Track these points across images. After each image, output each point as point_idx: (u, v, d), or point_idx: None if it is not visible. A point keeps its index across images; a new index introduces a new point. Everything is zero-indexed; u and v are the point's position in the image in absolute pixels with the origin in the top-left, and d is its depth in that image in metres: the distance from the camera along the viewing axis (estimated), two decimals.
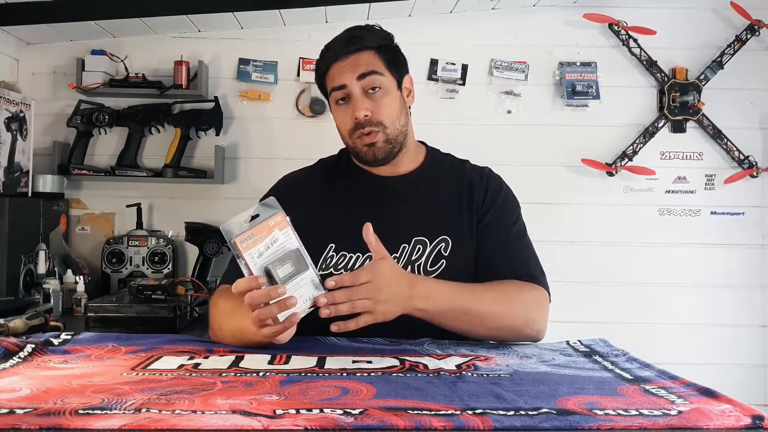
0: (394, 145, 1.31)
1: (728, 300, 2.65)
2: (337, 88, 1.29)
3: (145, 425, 0.66)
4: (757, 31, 2.62)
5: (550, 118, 2.66)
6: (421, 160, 1.39)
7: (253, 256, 0.93)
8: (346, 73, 1.28)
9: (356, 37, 1.31)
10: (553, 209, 2.63)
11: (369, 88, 1.28)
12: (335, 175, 1.39)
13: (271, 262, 0.93)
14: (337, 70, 1.29)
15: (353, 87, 1.27)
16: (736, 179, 2.64)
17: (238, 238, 0.92)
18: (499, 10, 2.64)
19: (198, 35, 2.62)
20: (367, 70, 1.28)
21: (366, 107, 1.27)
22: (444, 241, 1.28)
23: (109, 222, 2.61)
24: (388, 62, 1.31)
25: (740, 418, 0.70)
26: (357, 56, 1.29)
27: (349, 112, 1.28)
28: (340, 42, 1.31)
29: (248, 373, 0.91)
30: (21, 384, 0.83)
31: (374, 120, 1.27)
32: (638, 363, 0.97)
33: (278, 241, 0.95)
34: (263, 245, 0.93)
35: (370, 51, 1.30)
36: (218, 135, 2.58)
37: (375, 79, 1.28)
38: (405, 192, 1.34)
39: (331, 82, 1.30)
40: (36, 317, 1.35)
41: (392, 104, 1.31)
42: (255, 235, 0.93)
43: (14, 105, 2.29)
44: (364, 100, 1.27)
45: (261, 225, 0.94)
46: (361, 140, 1.28)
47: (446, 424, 0.67)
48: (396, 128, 1.30)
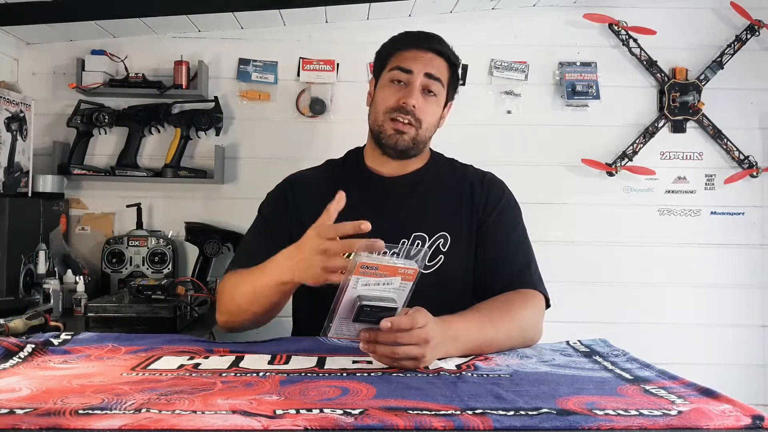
0: (416, 147, 1.35)
1: (728, 300, 2.65)
2: (403, 70, 1.32)
3: (145, 425, 0.66)
4: (757, 31, 2.61)
5: (550, 118, 2.66)
6: (425, 161, 1.42)
7: (359, 283, 0.90)
8: (420, 63, 1.32)
9: (442, 41, 1.38)
10: (553, 209, 2.63)
11: (427, 89, 1.33)
12: (342, 175, 1.42)
13: (366, 302, 0.90)
14: (412, 55, 1.34)
15: (417, 78, 1.32)
16: (736, 179, 2.64)
17: (363, 261, 0.89)
18: (499, 10, 2.64)
19: (198, 35, 2.62)
20: (437, 74, 1.34)
21: (418, 99, 1.31)
22: (443, 237, 1.30)
23: (109, 222, 2.61)
24: (451, 80, 1.38)
25: (740, 418, 0.70)
26: (434, 57, 1.35)
27: (399, 93, 1.32)
28: (426, 36, 1.37)
29: (248, 373, 0.91)
30: (21, 384, 0.83)
31: (417, 115, 1.31)
32: (638, 363, 0.98)
33: (391, 285, 0.91)
34: (375, 281, 0.90)
35: (446, 61, 1.37)
36: (218, 135, 2.58)
37: (437, 86, 1.34)
38: (407, 189, 1.37)
39: (399, 62, 1.34)
40: (36, 317, 1.35)
41: (435, 114, 1.36)
42: (378, 269, 0.90)
43: (14, 105, 2.29)
44: (419, 94, 1.32)
45: (392, 266, 0.91)
46: (393, 124, 1.32)
47: (446, 424, 0.67)
48: (426, 135, 1.35)
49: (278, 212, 1.37)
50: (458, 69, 1.41)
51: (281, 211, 1.37)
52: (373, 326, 0.93)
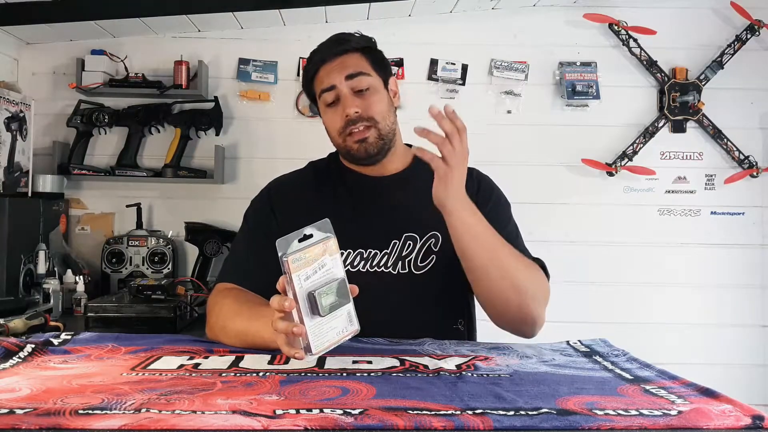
0: (386, 141, 1.32)
1: (728, 300, 2.65)
2: (327, 90, 1.30)
3: (145, 425, 0.66)
4: (757, 31, 2.61)
5: (550, 118, 2.66)
6: (409, 160, 1.40)
7: (301, 278, 0.88)
8: (335, 74, 1.30)
9: (341, 40, 1.33)
10: (553, 209, 2.63)
11: (357, 89, 1.30)
12: (325, 177, 1.40)
13: (317, 288, 0.89)
14: (325, 72, 1.31)
15: (342, 87, 1.29)
16: (736, 179, 2.64)
17: (291, 257, 0.87)
18: (499, 10, 2.64)
19: (198, 35, 2.62)
20: (355, 70, 1.30)
21: (356, 104, 1.28)
22: (434, 237, 1.30)
23: (109, 222, 2.61)
24: (374, 63, 1.34)
25: (740, 418, 0.70)
26: (344, 58, 1.31)
27: (339, 112, 1.30)
28: (325, 46, 1.34)
29: (248, 373, 0.91)
30: (21, 384, 0.83)
31: (365, 116, 1.29)
32: (638, 363, 0.97)
33: (325, 267, 0.90)
34: (311, 269, 0.89)
35: (356, 53, 1.33)
36: (218, 135, 2.58)
37: (363, 80, 1.30)
38: (394, 190, 1.35)
39: (320, 85, 1.32)
40: (36, 317, 1.35)
41: (382, 101, 1.32)
42: (306, 257, 0.89)
43: (14, 105, 2.29)
44: (354, 98, 1.29)
45: (313, 247, 0.89)
46: (351, 137, 1.29)
47: (446, 424, 0.67)
48: (387, 125, 1.32)
49: (262, 219, 1.35)
50: (375, 45, 1.36)
51: (265, 217, 1.35)
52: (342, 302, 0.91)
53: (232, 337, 1.12)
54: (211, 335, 1.20)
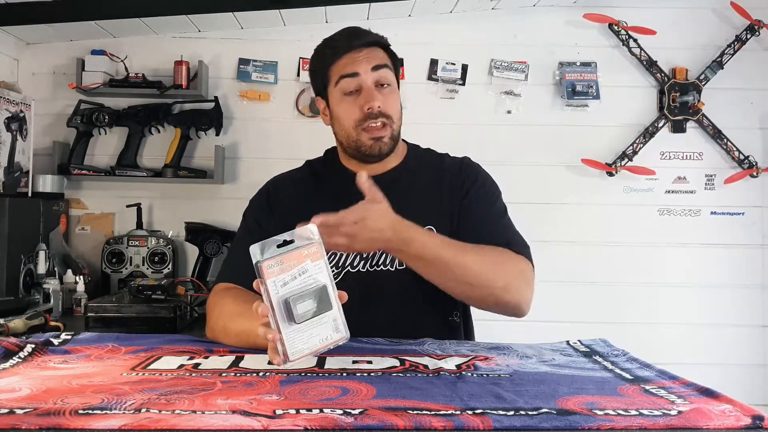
0: (396, 142, 1.33)
1: (728, 300, 2.65)
2: (349, 75, 1.28)
3: (145, 425, 0.66)
4: (757, 31, 2.61)
5: (550, 118, 2.66)
6: (403, 155, 1.40)
7: (277, 284, 0.85)
8: (362, 63, 1.28)
9: (365, 32, 1.32)
10: (552, 209, 2.63)
11: (380, 83, 1.29)
12: (322, 175, 1.41)
13: (293, 295, 0.85)
14: (350, 59, 1.29)
15: (367, 78, 1.27)
16: (736, 179, 2.64)
17: (265, 263, 0.84)
18: (499, 10, 2.64)
19: (198, 35, 2.62)
20: (382, 62, 1.29)
21: (380, 99, 1.27)
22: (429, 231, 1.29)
23: (109, 222, 2.61)
24: (393, 61, 1.34)
25: (740, 418, 0.70)
26: (370, 50, 1.30)
27: (358, 102, 1.28)
28: (347, 35, 1.32)
29: (248, 373, 0.91)
30: (21, 384, 0.83)
31: (385, 113, 1.28)
32: (638, 363, 0.97)
33: (307, 273, 0.87)
34: (290, 275, 0.86)
35: (380, 47, 1.32)
36: (218, 135, 2.58)
37: (387, 74, 1.30)
38: (390, 186, 1.35)
39: (342, 70, 1.29)
40: (36, 317, 1.36)
41: (398, 101, 1.33)
42: (284, 263, 0.86)
43: (14, 105, 2.29)
44: (377, 92, 1.28)
45: (293, 253, 0.87)
46: (368, 133, 1.28)
47: (446, 424, 0.67)
48: (398, 126, 1.33)
49: (261, 219, 1.35)
50: (389, 47, 1.35)
51: (264, 217, 1.35)
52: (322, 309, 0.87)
53: (233, 337, 1.12)
54: (211, 336, 1.20)
